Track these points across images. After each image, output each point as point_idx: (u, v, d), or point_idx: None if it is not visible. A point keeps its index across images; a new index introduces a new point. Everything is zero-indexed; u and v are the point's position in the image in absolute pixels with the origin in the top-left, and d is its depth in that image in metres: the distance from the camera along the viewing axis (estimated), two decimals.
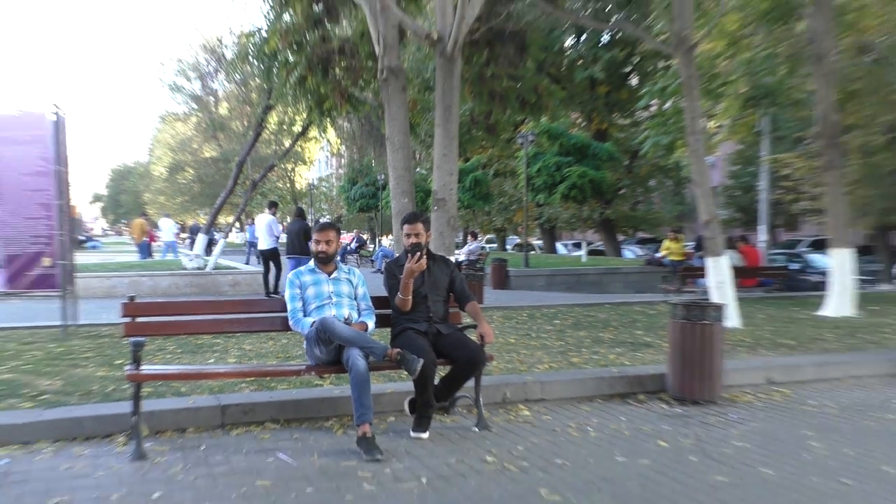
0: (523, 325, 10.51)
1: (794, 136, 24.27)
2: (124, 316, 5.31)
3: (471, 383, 5.68)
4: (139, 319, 5.38)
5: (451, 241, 8.50)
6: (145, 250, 26.62)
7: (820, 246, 25.15)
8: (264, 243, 15.87)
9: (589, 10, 23.08)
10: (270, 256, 15.72)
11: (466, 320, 5.99)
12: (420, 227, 5.69)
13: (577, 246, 37.96)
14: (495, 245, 45.90)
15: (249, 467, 4.66)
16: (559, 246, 44.64)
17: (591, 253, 36.91)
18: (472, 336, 5.69)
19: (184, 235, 43.47)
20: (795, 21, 15.17)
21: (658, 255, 23.65)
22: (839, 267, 12.23)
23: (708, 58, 18.56)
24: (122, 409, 5.27)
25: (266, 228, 15.94)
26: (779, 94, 18.39)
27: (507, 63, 13.05)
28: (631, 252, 37.87)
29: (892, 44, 17.00)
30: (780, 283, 17.12)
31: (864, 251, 27.58)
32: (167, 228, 29.66)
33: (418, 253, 5.49)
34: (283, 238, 15.86)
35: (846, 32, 16.35)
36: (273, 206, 17.09)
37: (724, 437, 5.45)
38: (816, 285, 18.21)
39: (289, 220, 17.90)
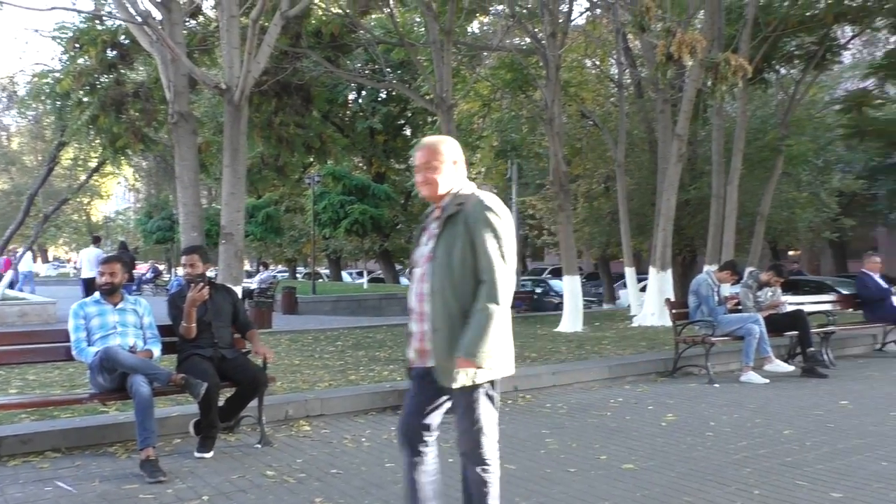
0: (308, 348, 10.30)
1: (537, 182, 25.99)
2: None
3: (255, 403, 5.45)
4: None
5: (238, 273, 8.20)
6: None
7: (559, 273, 27.01)
8: (88, 273, 15.76)
9: (367, 71, 23.48)
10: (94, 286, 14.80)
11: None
12: (196, 258, 5.42)
13: (361, 274, 38.07)
14: (287, 274, 44.95)
15: (26, 498, 4.15)
16: (345, 275, 44.54)
17: (372, 280, 37.14)
18: (259, 360, 5.47)
19: None
20: (533, 90, 16.30)
21: None
22: (570, 291, 13.09)
23: (466, 115, 19.49)
24: None
25: (92, 260, 15.79)
26: (522, 148, 19.63)
27: (294, 112, 12.90)
28: (406, 280, 38.54)
29: (603, 113, 18.76)
30: (528, 305, 18.17)
31: (591, 277, 30.02)
32: None
33: (200, 283, 5.22)
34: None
35: (571, 102, 17.83)
36: (97, 240, 17.60)
37: None
38: (557, 306, 19.46)
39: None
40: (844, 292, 13.54)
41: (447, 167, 3.14)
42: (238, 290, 7.73)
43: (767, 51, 13.76)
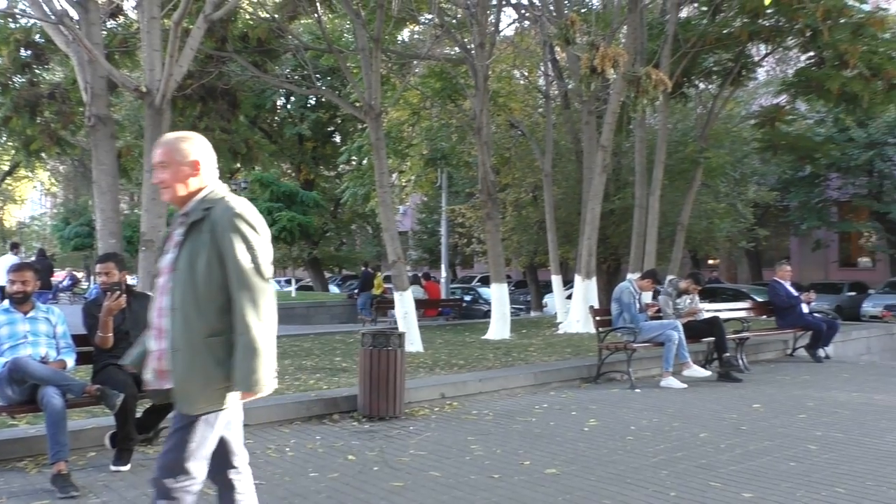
0: None
1: (466, 191, 26.19)
2: None
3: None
4: None
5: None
6: None
7: (488, 281, 27.22)
8: (4, 281, 14.98)
9: (296, 76, 23.23)
10: None
11: None
12: (112, 265, 5.26)
13: (289, 282, 37.53)
14: None
15: None
16: (272, 282, 43.80)
17: (301, 289, 36.67)
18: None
19: None
20: (463, 99, 16.46)
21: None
22: (498, 298, 13.24)
23: (396, 124, 19.52)
24: None
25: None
26: (452, 156, 19.76)
27: (220, 117, 12.66)
28: (338, 289, 38.23)
29: (531, 123, 19.09)
30: (457, 313, 18.25)
31: (520, 285, 30.40)
32: None
33: (117, 292, 5.07)
34: None
35: (499, 112, 18.09)
36: (15, 246, 16.72)
37: (404, 447, 5.61)
38: (487, 314, 19.61)
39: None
40: (759, 299, 14.12)
41: (186, 168, 2.82)
42: None
43: (687, 66, 14.28)
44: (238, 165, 23.38)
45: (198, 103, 12.19)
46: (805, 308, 10.83)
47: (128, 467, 4.87)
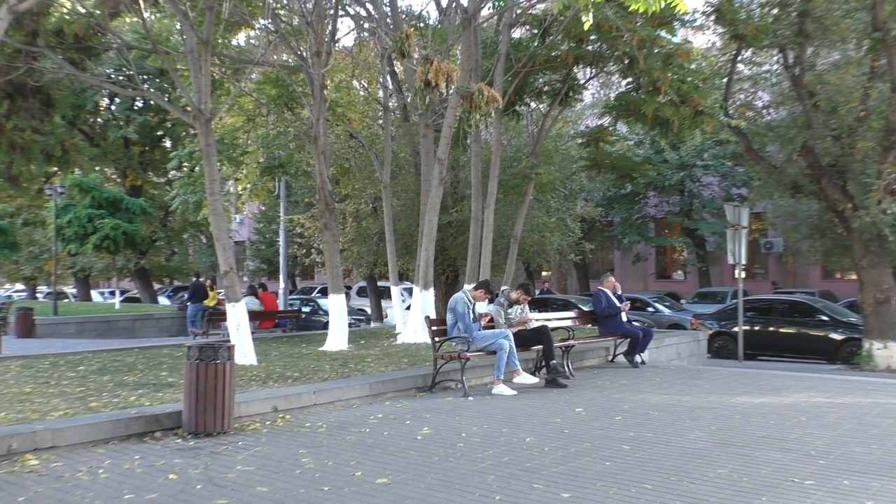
0: (43, 374, 9.31)
1: (306, 200, 25.80)
2: None
3: None
4: None
5: None
6: None
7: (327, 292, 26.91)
8: None
9: (120, 77, 21.91)
10: None
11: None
12: None
13: (113, 294, 35.17)
14: (25, 294, 40.30)
15: None
16: (95, 294, 40.91)
17: (128, 300, 34.50)
18: None
19: None
20: (300, 107, 16.21)
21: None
22: (335, 309, 13.13)
23: (230, 130, 18.90)
24: None
25: None
26: (290, 165, 19.40)
27: (31, 116, 11.68)
28: (168, 300, 36.30)
29: (371, 134, 19.17)
30: (295, 325, 17.86)
31: (360, 294, 30.32)
32: None
33: None
34: None
35: (338, 122, 18.01)
36: None
37: (231, 463, 5.41)
38: (326, 325, 19.34)
39: None
40: (585, 309, 14.96)
41: None
42: None
43: (519, 85, 14.90)
44: (55, 169, 21.72)
45: (5, 100, 11.18)
46: (624, 317, 11.60)
47: None
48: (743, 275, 17.34)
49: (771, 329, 17.44)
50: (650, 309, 21.75)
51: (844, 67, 15.35)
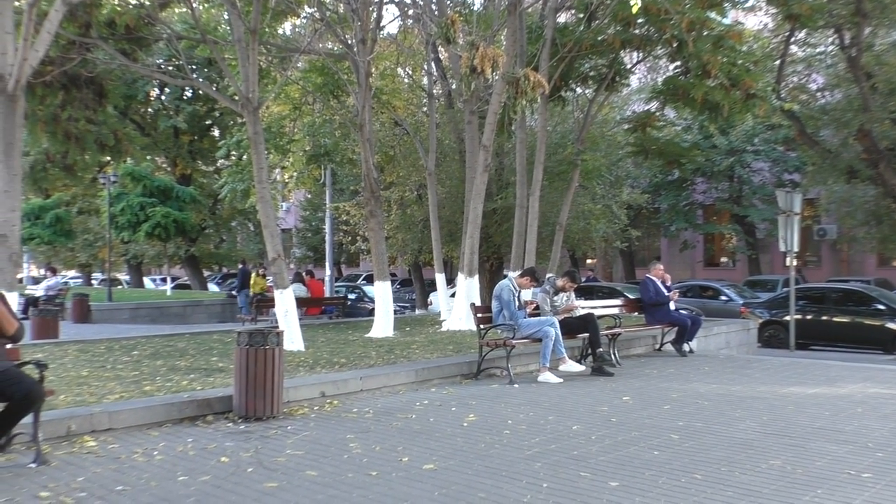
0: (99, 358, 9.57)
1: (351, 188, 25.98)
2: None
3: (30, 419, 4.97)
4: None
5: (12, 278, 7.45)
6: None
7: (373, 279, 27.11)
8: None
9: (170, 67, 22.30)
10: None
11: (39, 355, 5.25)
12: None
13: (164, 280, 36.00)
14: (81, 280, 41.51)
15: None
16: (147, 281, 41.96)
17: (178, 287, 35.29)
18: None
19: None
20: (346, 95, 16.29)
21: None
22: (381, 296, 13.20)
23: (277, 118, 19.10)
24: None
25: None
26: (336, 153, 19.53)
27: (85, 107, 11.96)
28: (217, 287, 37.02)
29: (415, 122, 19.16)
30: (341, 311, 18.03)
31: (405, 283, 30.48)
32: None
33: None
34: None
35: (383, 109, 18.05)
36: None
37: (280, 447, 5.49)
38: (372, 312, 19.48)
39: None
40: (631, 297, 14.78)
41: None
42: (13, 297, 7.01)
43: (565, 70, 14.73)
44: (108, 158, 22.27)
45: (59, 91, 11.45)
46: (672, 305, 11.43)
47: None
48: (795, 262, 16.91)
49: (824, 318, 16.97)
50: (723, 297, 21.04)
51: None
